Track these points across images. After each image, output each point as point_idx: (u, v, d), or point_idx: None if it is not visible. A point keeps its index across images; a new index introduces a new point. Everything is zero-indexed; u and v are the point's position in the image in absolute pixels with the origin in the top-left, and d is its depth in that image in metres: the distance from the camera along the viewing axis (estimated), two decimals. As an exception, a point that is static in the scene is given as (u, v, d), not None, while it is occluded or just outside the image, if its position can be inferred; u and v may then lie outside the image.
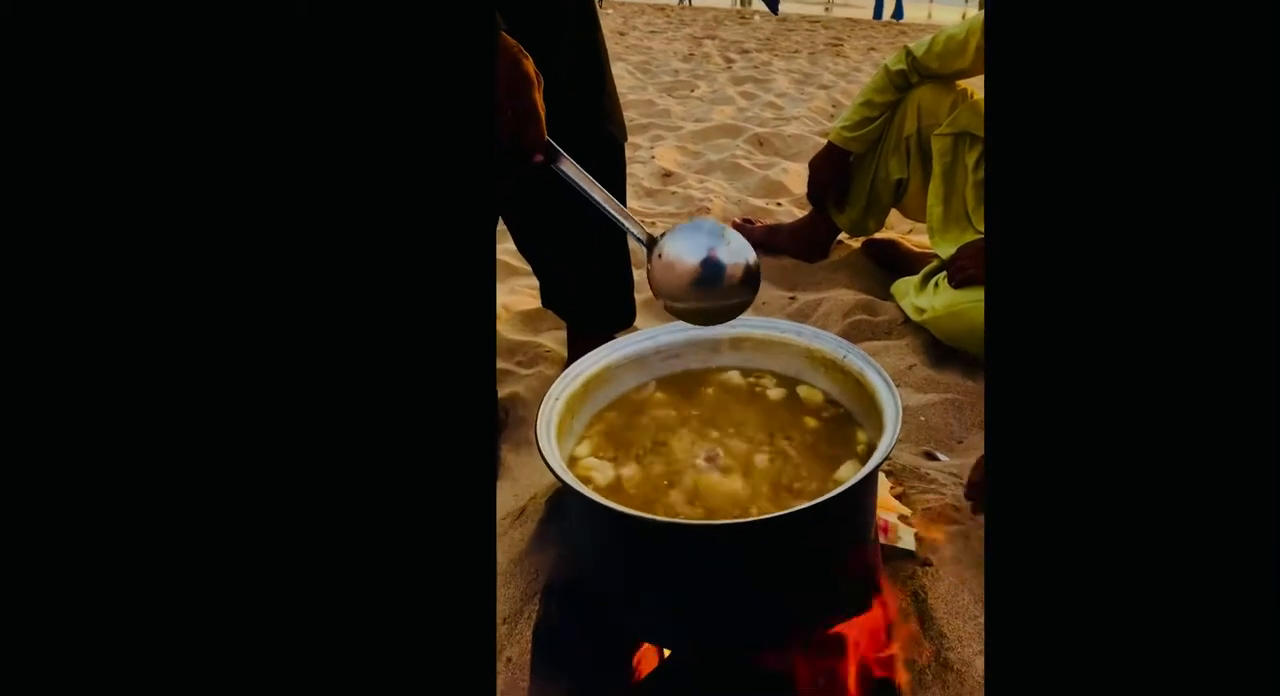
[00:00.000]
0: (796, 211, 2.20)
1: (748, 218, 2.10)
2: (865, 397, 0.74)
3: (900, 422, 0.66)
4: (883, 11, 13.26)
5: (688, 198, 2.28)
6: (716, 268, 0.73)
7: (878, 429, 0.69)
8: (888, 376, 0.72)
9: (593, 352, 0.80)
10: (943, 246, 1.54)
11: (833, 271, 1.81)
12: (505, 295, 1.68)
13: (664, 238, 0.74)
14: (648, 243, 0.74)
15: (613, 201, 0.74)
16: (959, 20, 1.65)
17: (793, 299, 1.69)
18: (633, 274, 1.28)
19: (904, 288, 1.58)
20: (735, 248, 0.73)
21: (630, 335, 0.83)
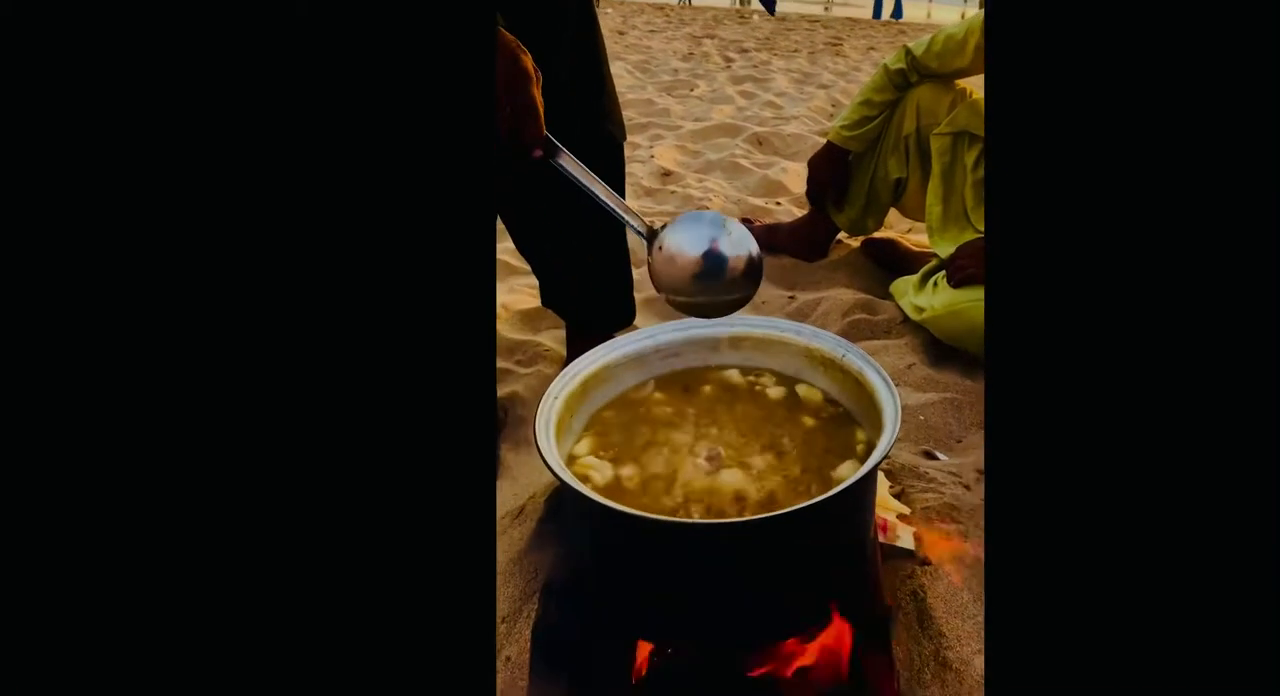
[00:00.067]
0: (796, 210, 2.20)
1: (747, 217, 2.10)
2: (864, 397, 0.74)
3: (899, 422, 0.65)
4: (882, 11, 13.26)
5: (687, 197, 2.28)
6: (718, 260, 0.72)
7: (877, 428, 0.69)
8: (887, 375, 0.72)
9: (592, 351, 0.79)
10: (942, 245, 1.54)
11: (832, 270, 1.81)
12: (504, 294, 1.67)
13: (664, 230, 0.73)
14: (648, 235, 0.73)
15: (612, 195, 0.73)
16: (958, 19, 1.66)
17: (792, 298, 1.69)
18: (632, 273, 1.28)
19: (903, 287, 1.58)
20: (737, 239, 0.72)
21: (629, 334, 0.82)
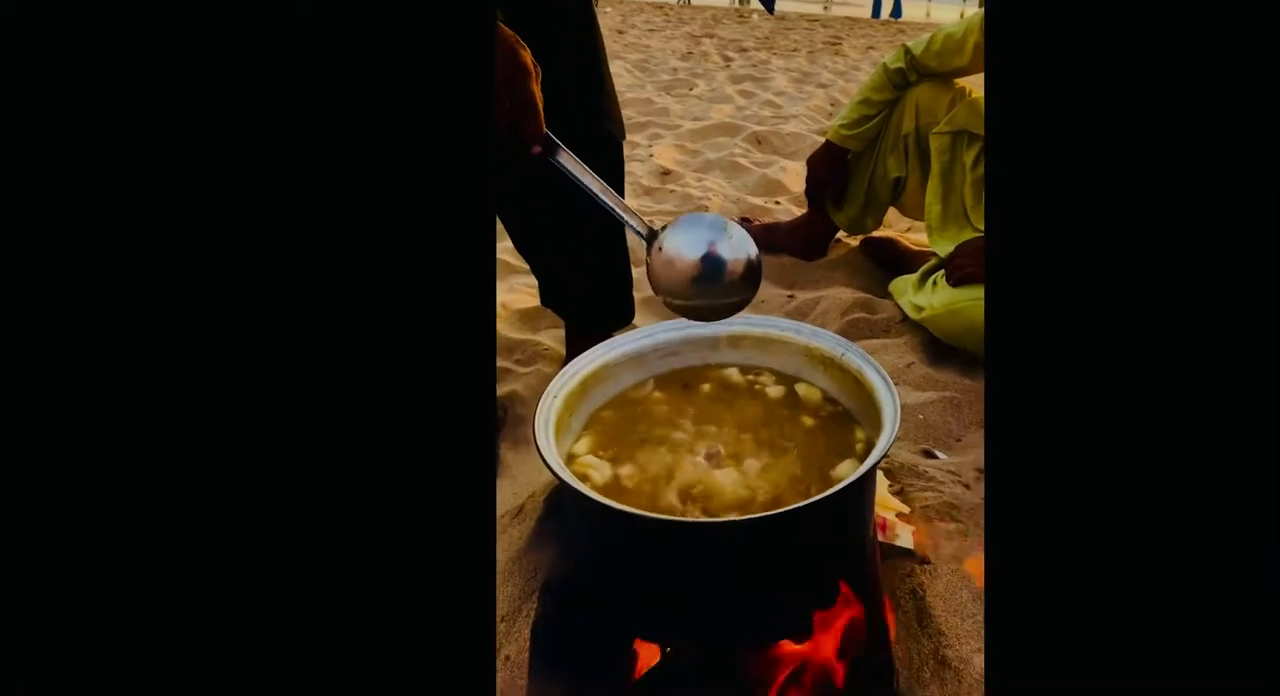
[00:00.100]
0: (795, 209, 2.20)
1: (746, 216, 2.10)
2: (864, 395, 0.74)
3: (898, 421, 0.65)
4: (881, 10, 13.27)
5: (686, 196, 2.28)
6: (717, 263, 0.71)
7: (876, 427, 0.69)
8: (886, 374, 0.72)
9: (591, 350, 0.79)
10: (941, 244, 1.55)
11: (831, 269, 1.81)
12: (504, 293, 1.67)
13: (664, 231, 0.72)
14: (647, 236, 0.73)
15: (612, 194, 0.72)
16: (957, 19, 1.65)
17: (791, 297, 1.69)
18: (631, 272, 1.28)
19: (902, 286, 1.58)
20: (737, 242, 0.72)
21: (628, 333, 0.82)
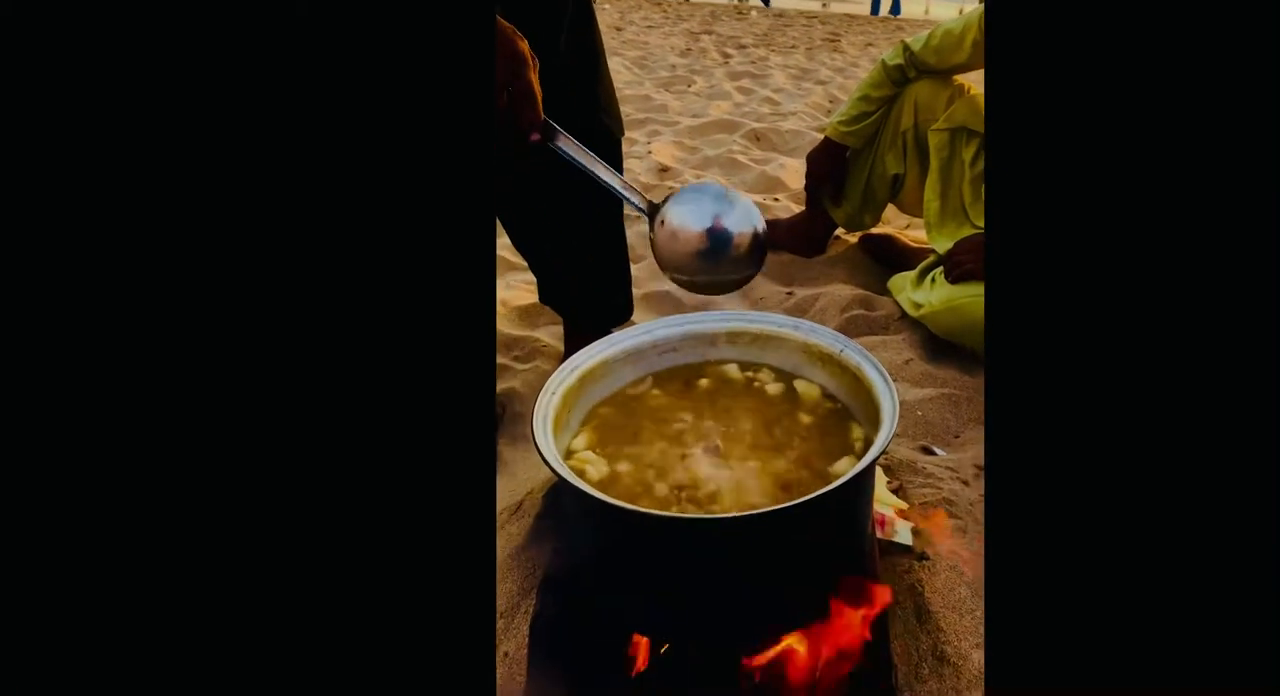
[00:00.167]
0: (793, 206, 2.19)
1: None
2: (862, 392, 0.74)
3: (897, 417, 0.66)
4: (880, 7, 13.25)
5: (684, 193, 2.28)
6: (722, 236, 0.70)
7: (874, 423, 0.69)
8: (885, 371, 0.72)
9: (589, 347, 0.79)
10: (940, 241, 1.54)
11: (830, 266, 1.81)
12: (502, 290, 1.67)
13: (666, 204, 0.71)
14: (649, 211, 0.72)
15: (612, 172, 0.71)
16: (956, 15, 1.65)
17: (790, 294, 1.69)
18: (630, 269, 1.28)
19: (901, 283, 1.58)
20: (742, 213, 0.70)
21: (627, 329, 0.82)
